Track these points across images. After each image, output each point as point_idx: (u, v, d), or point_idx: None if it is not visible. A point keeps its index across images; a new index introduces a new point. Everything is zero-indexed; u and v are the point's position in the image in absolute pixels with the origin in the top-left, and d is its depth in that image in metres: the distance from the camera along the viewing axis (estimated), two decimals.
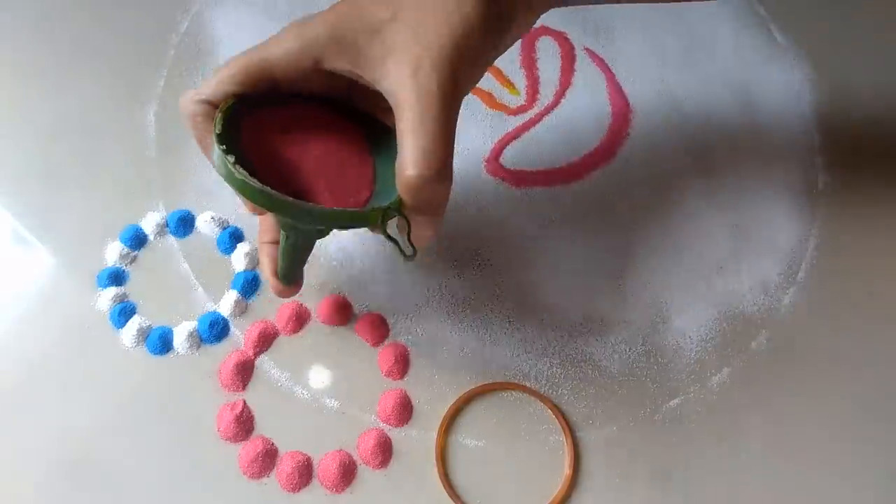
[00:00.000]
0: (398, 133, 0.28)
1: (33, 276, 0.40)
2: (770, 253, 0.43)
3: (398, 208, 0.29)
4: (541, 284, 0.41)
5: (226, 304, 0.39)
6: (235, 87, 0.30)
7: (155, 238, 0.41)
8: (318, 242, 0.43)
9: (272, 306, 0.40)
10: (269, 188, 0.27)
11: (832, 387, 0.39)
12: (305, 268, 0.41)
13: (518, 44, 0.48)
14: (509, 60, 0.48)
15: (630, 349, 0.40)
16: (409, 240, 0.30)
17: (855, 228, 0.44)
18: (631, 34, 0.49)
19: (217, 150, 0.28)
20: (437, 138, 0.28)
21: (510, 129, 0.46)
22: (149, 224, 0.41)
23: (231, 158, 0.28)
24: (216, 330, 0.39)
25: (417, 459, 0.36)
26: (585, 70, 0.48)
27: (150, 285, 0.40)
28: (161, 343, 0.38)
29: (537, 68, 0.48)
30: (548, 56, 0.48)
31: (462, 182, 0.44)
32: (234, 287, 0.40)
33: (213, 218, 0.42)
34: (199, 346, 0.38)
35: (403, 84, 0.28)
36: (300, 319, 0.40)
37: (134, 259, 0.41)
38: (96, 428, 0.36)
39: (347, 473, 0.36)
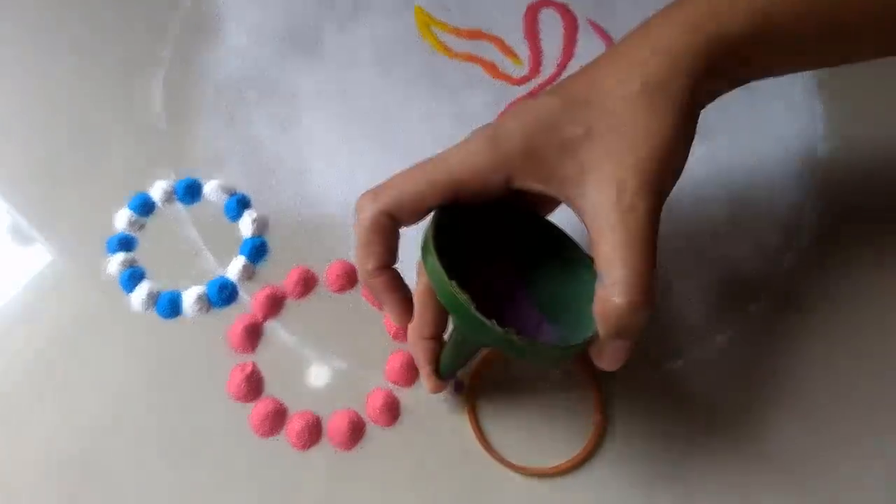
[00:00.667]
0: (599, 256, 0.27)
1: (45, 243, 0.40)
2: (768, 219, 0.44)
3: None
4: None
5: (234, 269, 0.40)
6: (421, 203, 0.29)
7: (163, 205, 0.42)
8: (320, 210, 0.43)
9: (279, 271, 0.40)
10: (488, 320, 0.27)
11: (830, 348, 0.40)
12: (311, 234, 0.42)
13: (521, 15, 0.49)
14: (512, 31, 0.49)
15: None
16: (597, 364, 0.30)
17: (853, 194, 0.45)
18: (632, 6, 0.50)
19: (436, 267, 0.28)
20: (647, 264, 0.27)
21: (514, 99, 0.46)
22: (157, 191, 0.42)
23: (454, 283, 0.27)
24: (225, 294, 0.39)
25: (424, 418, 0.37)
26: (588, 41, 0.49)
27: (158, 251, 0.40)
28: (170, 307, 0.39)
29: (540, 39, 0.48)
30: (550, 27, 0.49)
31: None
32: (241, 252, 0.41)
33: (220, 185, 0.42)
34: (208, 310, 0.39)
35: (606, 207, 0.27)
36: (307, 284, 0.40)
37: (142, 226, 0.41)
38: (107, 389, 0.37)
39: (356, 431, 0.36)
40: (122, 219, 0.41)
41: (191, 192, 0.42)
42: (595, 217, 0.28)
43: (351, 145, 0.44)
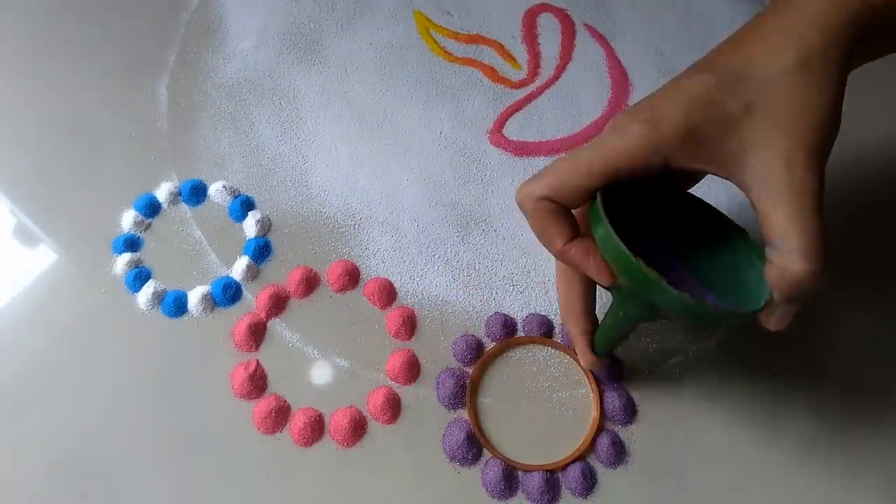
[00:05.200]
0: (772, 226, 0.28)
1: (52, 243, 0.41)
2: None
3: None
4: (542, 249, 0.42)
5: (238, 269, 0.41)
6: (581, 190, 0.30)
7: (168, 206, 0.42)
8: (322, 211, 0.44)
9: (283, 271, 0.41)
10: (671, 285, 0.28)
11: (829, 346, 0.41)
12: (313, 235, 0.42)
13: (519, 20, 0.50)
14: (511, 36, 0.49)
15: None
16: (765, 325, 0.30)
17: (850, 194, 0.45)
18: (630, 9, 0.51)
19: (617, 243, 0.28)
20: (822, 232, 0.28)
21: (512, 102, 0.47)
22: (162, 193, 0.42)
23: (640, 259, 0.28)
24: (229, 293, 0.40)
25: (425, 415, 0.38)
26: (585, 45, 0.49)
27: (164, 251, 0.41)
28: (175, 306, 0.39)
29: (538, 43, 0.49)
30: (548, 31, 0.50)
31: (467, 152, 0.45)
32: (245, 253, 0.41)
33: (224, 187, 0.43)
34: (212, 309, 0.40)
35: (776, 180, 0.28)
36: (310, 284, 0.41)
37: (148, 226, 0.42)
38: (113, 388, 0.37)
39: (358, 428, 0.37)
40: (128, 219, 0.42)
41: (196, 193, 0.43)
42: (763, 190, 0.28)
43: (351, 146, 0.45)
